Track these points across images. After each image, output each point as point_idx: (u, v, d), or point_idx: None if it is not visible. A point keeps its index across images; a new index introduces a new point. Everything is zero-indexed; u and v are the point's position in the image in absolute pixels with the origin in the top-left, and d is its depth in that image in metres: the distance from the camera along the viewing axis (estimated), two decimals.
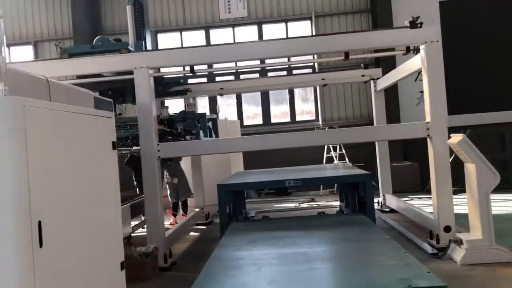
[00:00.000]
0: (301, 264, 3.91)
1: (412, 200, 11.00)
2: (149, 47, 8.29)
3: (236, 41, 14.30)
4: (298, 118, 14.60)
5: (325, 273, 3.59)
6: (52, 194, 2.12)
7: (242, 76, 13.79)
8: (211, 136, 8.93)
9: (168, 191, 10.24)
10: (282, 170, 8.87)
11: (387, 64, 11.29)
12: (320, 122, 14.19)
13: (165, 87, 9.26)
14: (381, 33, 6.59)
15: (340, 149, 13.02)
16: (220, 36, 14.52)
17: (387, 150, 9.80)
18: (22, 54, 14.77)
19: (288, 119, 14.54)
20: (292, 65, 13.58)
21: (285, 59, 8.40)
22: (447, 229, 6.13)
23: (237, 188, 6.89)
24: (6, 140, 1.91)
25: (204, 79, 13.85)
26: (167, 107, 7.46)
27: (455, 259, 5.61)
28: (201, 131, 8.15)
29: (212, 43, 14.44)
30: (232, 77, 13.87)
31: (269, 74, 14.02)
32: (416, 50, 6.54)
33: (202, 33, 14.58)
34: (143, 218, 9.75)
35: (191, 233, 8.86)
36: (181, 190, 9.96)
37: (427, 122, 6.26)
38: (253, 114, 14.91)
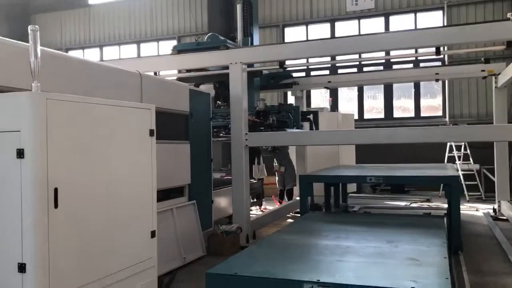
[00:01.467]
0: (333, 256, 4.06)
1: None
2: (256, 42, 8.86)
3: (360, 33, 14.20)
4: (424, 114, 13.93)
5: (344, 265, 3.71)
6: (72, 168, 2.72)
7: (365, 69, 13.66)
8: (311, 128, 9.19)
9: (276, 178, 10.81)
10: (384, 166, 8.74)
11: None
12: (447, 118, 13.32)
13: (275, 80, 9.80)
14: (487, 25, 6.09)
15: (465, 149, 12.12)
16: (345, 28, 14.49)
17: (506, 153, 8.93)
18: (168, 48, 16.59)
19: (412, 114, 13.97)
20: (408, 58, 12.95)
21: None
22: None
23: (317, 180, 7.07)
24: (32, 126, 2.55)
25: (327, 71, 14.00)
26: (263, 100, 7.93)
27: None
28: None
29: (336, 36, 14.53)
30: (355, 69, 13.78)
31: (394, 66, 13.59)
32: None
33: (327, 26, 14.71)
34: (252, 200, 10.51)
35: (289, 220, 9.26)
36: (287, 179, 10.43)
37: None
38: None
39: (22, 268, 2.52)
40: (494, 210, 9.08)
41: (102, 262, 2.98)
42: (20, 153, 2.51)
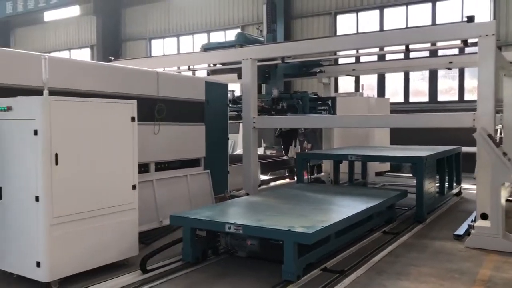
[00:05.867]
0: (266, 210, 5.50)
1: None
2: (280, 37, 10.21)
3: (407, 21, 14.76)
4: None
5: (263, 216, 5.15)
6: (67, 142, 4.52)
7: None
8: (330, 113, 10.39)
9: None
10: (392, 147, 9.76)
11: None
12: None
13: (307, 68, 11.09)
14: (439, 27, 6.93)
15: None
16: (393, 15, 15.11)
17: None
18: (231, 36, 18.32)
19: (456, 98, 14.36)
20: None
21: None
22: (484, 216, 6.39)
23: (309, 157, 8.42)
24: (41, 118, 4.35)
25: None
26: (277, 88, 9.29)
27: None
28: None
29: (384, 22, 15.20)
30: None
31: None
32: None
33: (377, 13, 15.39)
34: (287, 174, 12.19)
35: None
36: None
37: (474, 113, 6.51)
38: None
39: (37, 199, 4.36)
40: None
41: (91, 201, 4.78)
42: (35, 132, 4.32)
